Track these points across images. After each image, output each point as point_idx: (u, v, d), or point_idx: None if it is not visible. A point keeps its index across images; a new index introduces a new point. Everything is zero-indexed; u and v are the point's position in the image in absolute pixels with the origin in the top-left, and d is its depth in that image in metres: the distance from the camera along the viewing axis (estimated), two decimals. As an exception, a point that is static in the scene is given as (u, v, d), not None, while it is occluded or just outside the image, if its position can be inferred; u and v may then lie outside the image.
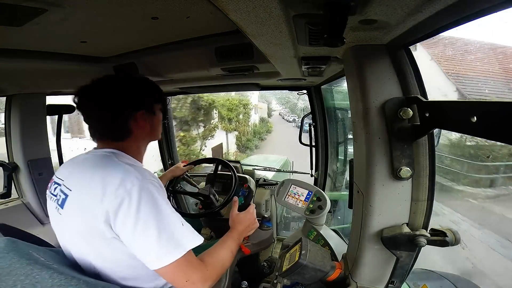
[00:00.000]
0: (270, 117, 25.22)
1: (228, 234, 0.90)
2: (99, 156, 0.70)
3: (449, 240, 0.57)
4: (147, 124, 0.78)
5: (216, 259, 0.75)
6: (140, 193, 0.60)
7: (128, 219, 0.59)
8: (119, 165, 0.65)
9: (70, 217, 0.66)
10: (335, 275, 0.80)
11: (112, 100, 0.72)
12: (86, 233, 0.63)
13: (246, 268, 1.59)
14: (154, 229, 0.60)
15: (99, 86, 0.73)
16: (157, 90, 0.85)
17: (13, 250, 0.56)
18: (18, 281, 0.50)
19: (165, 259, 0.60)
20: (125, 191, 0.60)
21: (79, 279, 0.54)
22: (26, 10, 0.60)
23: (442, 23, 0.48)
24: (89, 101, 0.73)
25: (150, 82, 0.84)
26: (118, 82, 0.76)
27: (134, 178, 0.62)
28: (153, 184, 0.64)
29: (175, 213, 0.65)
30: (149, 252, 0.60)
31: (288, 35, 0.60)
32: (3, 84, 1.28)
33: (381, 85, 0.62)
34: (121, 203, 0.59)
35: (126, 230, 0.60)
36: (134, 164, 0.70)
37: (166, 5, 0.65)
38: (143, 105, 0.77)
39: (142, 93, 0.80)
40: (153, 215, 0.60)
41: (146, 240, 0.60)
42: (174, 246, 0.61)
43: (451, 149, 5.18)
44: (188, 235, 0.65)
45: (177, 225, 0.64)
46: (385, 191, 0.66)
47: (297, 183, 1.22)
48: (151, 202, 0.61)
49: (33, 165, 1.51)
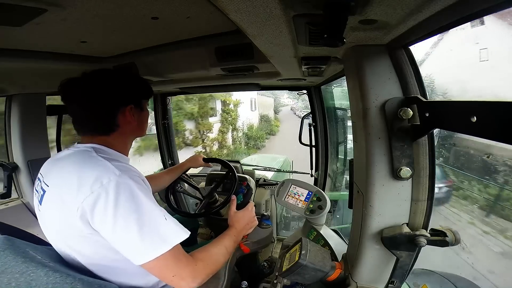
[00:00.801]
0: (277, 113, 22.55)
1: (225, 232, 0.90)
2: (79, 151, 0.69)
3: (449, 240, 0.57)
4: (135, 119, 0.78)
5: (208, 255, 0.75)
6: (118, 189, 0.59)
7: (106, 215, 0.58)
8: (97, 161, 0.65)
9: (48, 213, 0.66)
10: (335, 275, 0.80)
11: (101, 93, 0.72)
12: (63, 230, 0.63)
13: (245, 268, 1.59)
14: (135, 224, 0.59)
15: (89, 78, 0.73)
16: (147, 86, 0.86)
17: (9, 248, 0.56)
18: (13, 279, 0.50)
19: (148, 255, 0.59)
20: (101, 186, 0.59)
21: (74, 277, 0.54)
22: (26, 10, 0.60)
23: (442, 23, 0.48)
24: (78, 93, 0.72)
25: (140, 78, 0.85)
26: (109, 76, 0.76)
27: (111, 173, 0.61)
28: (133, 179, 0.63)
29: (158, 208, 0.64)
30: (132, 248, 0.60)
31: (288, 35, 0.60)
32: (3, 84, 1.28)
33: (381, 85, 0.62)
34: (97, 199, 0.58)
35: (106, 227, 0.59)
36: (116, 159, 0.69)
37: (166, 5, 0.65)
38: (132, 99, 0.77)
39: (133, 87, 0.80)
40: (133, 211, 0.59)
41: (127, 236, 0.59)
42: (158, 241, 0.61)
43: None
44: (172, 230, 0.64)
45: (160, 220, 0.63)
46: (385, 191, 0.66)
47: (297, 183, 1.22)
48: (130, 198, 0.60)
49: (33, 165, 1.51)
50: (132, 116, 0.77)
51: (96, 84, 0.72)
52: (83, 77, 0.73)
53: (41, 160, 1.55)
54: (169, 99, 2.20)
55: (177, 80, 1.49)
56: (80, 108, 0.73)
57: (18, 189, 1.57)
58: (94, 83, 0.73)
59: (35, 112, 1.50)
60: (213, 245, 0.80)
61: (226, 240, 0.85)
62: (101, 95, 0.72)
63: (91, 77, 0.73)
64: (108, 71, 0.78)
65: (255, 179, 1.85)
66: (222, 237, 0.87)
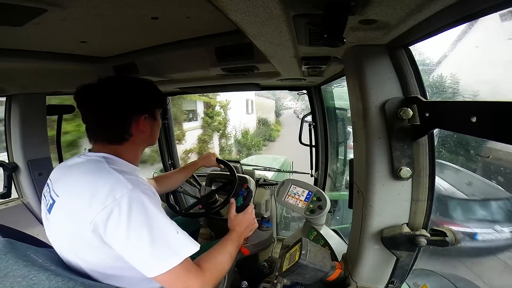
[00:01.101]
0: (279, 116, 21.34)
1: (227, 237, 0.89)
2: (91, 161, 0.68)
3: (449, 240, 0.57)
4: (148, 128, 0.77)
5: (214, 264, 0.75)
6: (130, 203, 0.59)
7: (119, 229, 0.58)
8: (109, 173, 0.64)
9: (56, 223, 0.66)
10: (335, 275, 0.80)
11: (117, 101, 0.71)
12: (72, 240, 0.63)
13: (245, 268, 1.59)
14: (147, 238, 0.59)
15: (105, 86, 0.72)
16: (160, 95, 0.85)
17: (10, 252, 0.56)
18: (15, 282, 0.50)
19: (160, 268, 0.60)
20: (114, 201, 0.58)
21: (76, 281, 0.53)
22: (26, 10, 0.60)
23: (442, 23, 0.48)
24: (93, 100, 0.72)
25: (154, 86, 0.83)
26: (124, 84, 0.75)
27: (123, 187, 0.61)
28: (145, 192, 0.63)
29: (169, 221, 0.64)
30: (144, 261, 0.60)
31: (288, 35, 0.60)
32: (3, 84, 1.28)
33: (381, 85, 0.63)
34: (110, 214, 0.58)
35: (118, 240, 0.59)
36: (127, 171, 0.68)
37: (166, 5, 0.65)
38: (147, 109, 0.77)
39: (147, 97, 0.79)
40: (145, 224, 0.59)
41: (139, 250, 0.59)
42: (170, 254, 0.61)
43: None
44: (183, 243, 0.64)
45: (171, 233, 0.63)
46: (385, 191, 0.66)
47: (297, 183, 1.22)
48: (142, 212, 0.60)
49: (33, 165, 1.51)
50: (145, 126, 0.76)
51: (110, 92, 0.72)
52: (99, 84, 0.72)
53: (41, 160, 1.55)
54: (169, 99, 2.20)
55: (177, 80, 1.49)
56: (94, 116, 0.72)
57: (18, 189, 1.57)
58: (109, 91, 0.72)
59: (35, 112, 1.50)
60: (218, 253, 0.80)
61: (229, 246, 0.84)
62: (115, 104, 0.71)
63: (106, 85, 0.72)
64: (124, 79, 0.77)
65: (255, 179, 1.85)
66: (225, 242, 0.86)
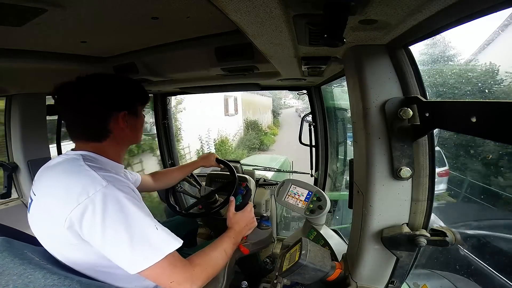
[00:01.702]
0: (276, 116, 19.30)
1: (224, 234, 0.89)
2: (68, 160, 0.67)
3: (449, 240, 0.57)
4: (128, 125, 0.76)
5: (205, 259, 0.74)
6: (105, 200, 0.58)
7: (95, 227, 0.57)
8: (83, 170, 0.63)
9: (35, 222, 0.66)
10: (335, 275, 0.80)
11: (93, 98, 0.70)
12: (52, 239, 0.63)
13: (245, 268, 1.59)
14: (124, 235, 0.58)
15: (82, 83, 0.71)
16: (142, 92, 0.84)
17: (7, 250, 0.56)
18: (11, 280, 0.50)
19: (140, 264, 0.59)
20: (88, 198, 0.58)
21: (72, 279, 0.53)
22: (26, 10, 0.60)
23: (442, 23, 0.48)
24: (70, 98, 0.71)
25: (136, 83, 0.83)
26: (102, 81, 0.75)
27: (97, 184, 0.60)
28: (121, 189, 0.62)
29: (149, 218, 0.63)
30: (123, 258, 0.59)
31: (288, 35, 0.60)
32: (3, 84, 1.28)
33: (381, 85, 0.63)
34: (84, 211, 0.57)
35: (95, 238, 0.58)
36: (105, 168, 0.67)
37: (166, 5, 0.65)
38: (126, 106, 0.75)
39: (126, 93, 0.77)
40: (122, 222, 0.59)
41: (117, 248, 0.59)
42: (150, 251, 0.60)
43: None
44: (164, 239, 0.64)
45: (150, 230, 0.62)
46: (385, 191, 0.66)
47: (297, 183, 1.22)
48: (117, 209, 0.59)
49: (33, 165, 1.51)
50: (125, 123, 0.75)
51: (88, 89, 0.71)
52: (77, 81, 0.71)
53: (41, 160, 1.55)
54: (169, 99, 2.20)
55: (177, 80, 1.49)
56: (72, 113, 0.71)
57: (18, 189, 1.57)
58: (86, 87, 0.71)
59: (35, 112, 1.50)
60: (211, 249, 0.80)
61: (224, 243, 0.85)
62: (92, 100, 0.70)
63: (84, 82, 0.72)
64: (103, 76, 0.76)
65: (255, 179, 1.85)
66: (221, 239, 0.86)
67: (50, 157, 1.61)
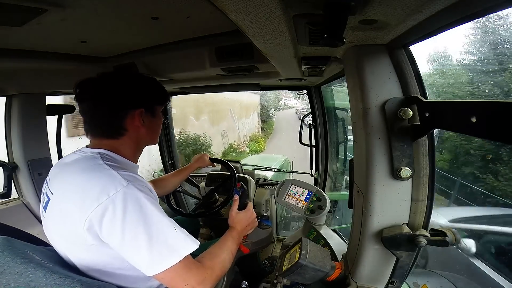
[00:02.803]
0: (267, 120, 17.28)
1: (228, 234, 0.89)
2: (85, 158, 0.67)
3: (449, 240, 0.57)
4: (144, 125, 0.76)
5: (216, 261, 0.74)
6: (125, 200, 0.57)
7: (114, 227, 0.57)
8: (102, 169, 0.62)
9: (52, 221, 0.65)
10: (335, 275, 0.80)
11: (110, 94, 0.70)
12: (68, 239, 0.62)
13: (246, 267, 1.59)
14: (144, 236, 0.58)
15: (101, 80, 0.72)
16: (162, 92, 0.83)
17: (8, 249, 0.56)
18: (12, 280, 0.50)
19: (159, 266, 0.59)
20: (108, 198, 0.57)
21: (73, 278, 0.53)
22: (26, 10, 0.60)
23: (442, 23, 0.48)
24: (88, 94, 0.71)
25: (155, 82, 0.82)
26: (121, 78, 0.74)
27: (118, 184, 0.59)
28: (140, 189, 0.61)
29: (167, 219, 0.63)
30: (142, 260, 0.59)
31: (288, 35, 0.60)
32: (3, 84, 1.28)
33: (381, 85, 0.62)
34: (105, 211, 0.56)
35: (115, 239, 0.58)
36: (123, 167, 0.67)
37: (166, 5, 0.65)
38: (143, 103, 0.75)
39: (145, 91, 0.77)
40: (142, 223, 0.58)
41: (137, 248, 0.58)
42: (168, 253, 0.60)
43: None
44: (182, 241, 0.63)
45: (169, 231, 0.62)
46: (385, 191, 0.66)
47: (297, 183, 1.22)
48: (137, 209, 0.58)
49: (33, 165, 1.51)
50: (141, 121, 0.74)
51: (106, 85, 0.71)
52: (97, 78, 0.71)
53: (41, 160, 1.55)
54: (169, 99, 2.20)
55: (177, 80, 1.49)
56: (89, 109, 0.71)
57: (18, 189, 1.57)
58: (106, 83, 0.71)
59: (35, 112, 1.50)
60: (221, 251, 0.79)
61: (230, 243, 0.84)
62: (109, 96, 0.70)
63: (104, 78, 0.72)
64: (124, 74, 0.76)
65: (255, 179, 1.85)
66: (226, 239, 0.85)
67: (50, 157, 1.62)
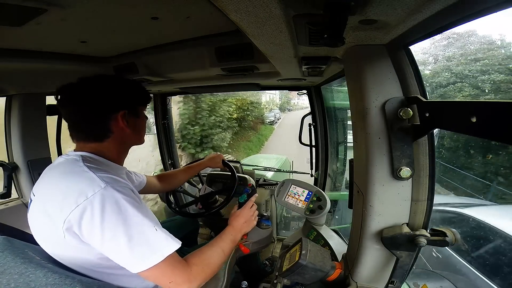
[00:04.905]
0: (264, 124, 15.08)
1: (222, 232, 0.90)
2: (68, 161, 0.68)
3: (449, 240, 0.57)
4: (129, 125, 0.76)
5: (202, 258, 0.75)
6: (103, 202, 0.58)
7: (93, 228, 0.57)
8: (82, 172, 0.63)
9: (34, 223, 0.66)
10: (335, 275, 0.80)
11: (91, 98, 0.71)
12: (51, 241, 0.63)
13: (246, 267, 1.59)
14: (124, 237, 0.58)
15: (82, 84, 0.72)
16: (143, 92, 0.84)
17: (8, 249, 0.56)
18: (12, 280, 0.50)
19: (141, 265, 0.60)
20: (87, 200, 0.58)
21: (73, 278, 0.54)
22: (26, 10, 0.60)
23: (442, 23, 0.48)
24: (70, 98, 0.71)
25: (137, 84, 0.83)
26: (103, 81, 0.75)
27: (96, 186, 0.60)
28: (120, 191, 0.62)
29: (148, 219, 0.63)
30: (124, 259, 0.60)
31: (288, 35, 0.60)
32: (3, 84, 1.28)
33: (381, 85, 0.62)
34: (83, 212, 0.57)
35: (95, 240, 0.59)
36: (104, 169, 0.67)
37: (166, 5, 0.65)
38: (125, 105, 0.75)
39: (125, 93, 0.78)
40: (121, 223, 0.59)
41: (117, 249, 0.59)
42: (150, 253, 0.61)
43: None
44: (163, 241, 0.64)
45: (149, 232, 0.62)
46: (385, 191, 0.66)
47: (297, 183, 1.22)
48: (116, 210, 0.59)
49: (33, 165, 1.51)
50: (125, 122, 0.75)
51: (88, 89, 0.71)
52: (78, 82, 0.72)
53: (41, 160, 1.55)
54: (169, 99, 2.20)
55: (177, 80, 1.49)
56: (72, 113, 0.72)
57: (18, 189, 1.57)
58: (87, 88, 0.71)
59: (35, 112, 1.50)
60: (208, 248, 0.80)
61: (222, 241, 0.85)
62: (92, 100, 0.70)
63: (85, 82, 0.72)
64: (104, 77, 0.76)
65: (255, 179, 1.85)
66: (219, 238, 0.86)
67: (50, 157, 1.62)
